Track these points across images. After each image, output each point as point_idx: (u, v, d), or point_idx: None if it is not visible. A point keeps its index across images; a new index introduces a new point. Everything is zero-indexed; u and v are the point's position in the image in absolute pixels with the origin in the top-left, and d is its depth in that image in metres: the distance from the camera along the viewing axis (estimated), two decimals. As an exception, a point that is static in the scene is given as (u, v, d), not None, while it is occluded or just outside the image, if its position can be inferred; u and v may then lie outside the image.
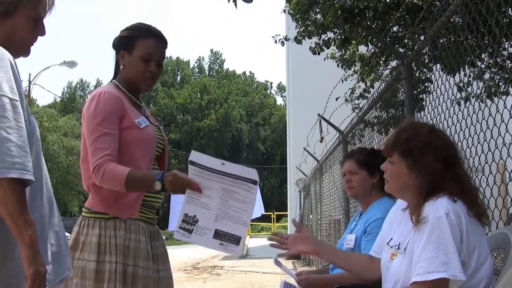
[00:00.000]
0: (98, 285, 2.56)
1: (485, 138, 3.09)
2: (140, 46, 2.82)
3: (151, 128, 2.84)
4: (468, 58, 4.09)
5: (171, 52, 78.51)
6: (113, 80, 2.93)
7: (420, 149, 2.36)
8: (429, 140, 2.37)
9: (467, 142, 3.26)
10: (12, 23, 2.23)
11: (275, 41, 8.67)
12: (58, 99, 68.86)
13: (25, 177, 1.94)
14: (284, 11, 7.90)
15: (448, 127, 3.46)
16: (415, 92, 4.90)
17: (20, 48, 2.30)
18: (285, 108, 45.92)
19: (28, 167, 1.96)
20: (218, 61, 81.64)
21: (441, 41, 4.02)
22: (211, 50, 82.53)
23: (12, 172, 1.90)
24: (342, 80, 8.24)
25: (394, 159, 2.44)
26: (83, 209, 2.80)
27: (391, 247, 2.47)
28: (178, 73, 74.80)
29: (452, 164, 2.34)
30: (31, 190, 2.09)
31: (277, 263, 3.34)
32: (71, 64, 28.07)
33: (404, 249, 2.33)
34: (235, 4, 5.26)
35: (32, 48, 2.39)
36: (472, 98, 4.12)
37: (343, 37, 6.84)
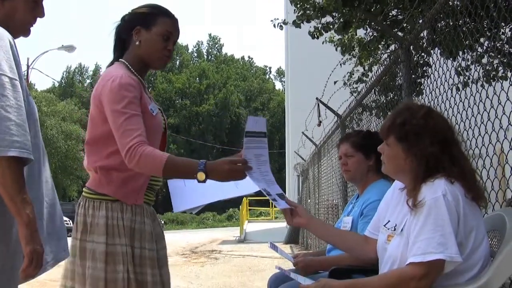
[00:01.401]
0: (110, 267, 2.54)
1: (482, 121, 3.09)
2: (161, 24, 2.79)
3: (159, 114, 2.82)
4: (467, 42, 4.08)
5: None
6: (121, 60, 2.85)
7: (416, 133, 2.36)
8: (424, 123, 2.37)
9: (464, 125, 3.26)
10: (11, 4, 2.25)
11: (274, 25, 8.67)
12: (57, 84, 68.79)
13: (24, 155, 1.95)
14: (283, -5, 7.87)
15: (446, 110, 3.46)
16: (414, 76, 4.90)
17: (20, 29, 2.31)
18: (284, 93, 45.88)
19: (27, 146, 1.97)
20: (216, 45, 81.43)
21: (440, 24, 4.01)
22: (209, 35, 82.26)
23: (11, 151, 1.91)
24: (341, 64, 8.24)
25: (390, 141, 2.45)
26: (84, 189, 2.76)
27: (388, 228, 2.48)
28: (177, 57, 74.55)
29: (449, 147, 2.34)
30: (29, 169, 2.10)
31: (273, 247, 3.34)
32: (70, 48, 27.95)
33: (401, 231, 2.34)
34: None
35: (31, 30, 2.39)
36: (471, 83, 4.12)
37: (342, 20, 6.82)
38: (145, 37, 2.78)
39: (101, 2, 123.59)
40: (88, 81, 76.70)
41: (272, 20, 8.69)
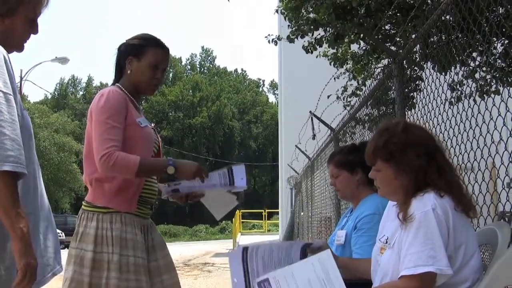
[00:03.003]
0: (95, 273, 2.75)
1: (474, 136, 3.12)
2: (149, 54, 3.06)
3: (149, 129, 3.05)
4: (459, 57, 4.12)
5: (163, 49, 78.08)
6: (117, 84, 3.11)
7: (400, 150, 2.37)
8: (405, 138, 2.38)
9: (457, 139, 3.29)
10: (11, 22, 2.27)
11: (268, 41, 8.72)
12: (50, 96, 68.67)
13: (18, 170, 1.95)
14: (277, 11, 7.93)
15: (439, 124, 3.49)
16: (406, 90, 4.93)
17: (16, 45, 2.34)
18: (277, 106, 45.94)
19: (21, 160, 1.98)
20: (209, 58, 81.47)
21: (432, 39, 4.05)
22: (202, 47, 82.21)
23: (5, 165, 1.92)
24: (334, 78, 8.28)
25: (379, 165, 2.45)
26: (83, 202, 2.98)
27: (381, 241, 2.50)
28: (171, 70, 74.53)
29: (433, 157, 2.36)
30: (24, 183, 2.10)
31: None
32: (63, 60, 27.94)
33: (393, 244, 2.35)
34: (228, -1, 5.26)
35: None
36: (464, 98, 4.15)
37: (335, 33, 6.87)
38: (136, 67, 3.07)
39: (94, 14, 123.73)
40: (81, 93, 76.48)
41: (266, 36, 8.75)
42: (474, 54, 4.96)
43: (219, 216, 3.34)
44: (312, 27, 6.94)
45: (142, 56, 3.06)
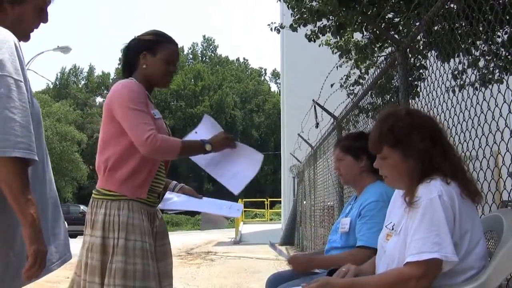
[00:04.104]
0: (104, 257, 2.89)
1: (479, 123, 3.11)
2: (164, 50, 3.22)
3: (161, 121, 3.18)
4: (463, 45, 4.11)
5: (165, 38, 78.34)
6: (130, 78, 3.20)
7: (405, 133, 2.36)
8: (410, 121, 2.38)
9: (461, 127, 3.28)
10: (20, 10, 2.29)
11: (271, 29, 8.73)
12: (51, 85, 68.58)
13: (28, 156, 1.97)
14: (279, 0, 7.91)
15: (443, 112, 3.49)
16: (410, 78, 4.92)
17: (23, 35, 2.35)
18: (279, 95, 45.87)
19: (32, 147, 1.99)
20: (211, 47, 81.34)
21: (436, 27, 4.03)
22: (204, 36, 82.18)
23: (15, 151, 1.93)
24: (337, 67, 8.26)
25: (385, 153, 2.44)
26: (93, 191, 3.10)
27: (386, 227, 2.51)
28: (173, 59, 74.31)
29: (438, 140, 2.36)
30: (33, 170, 2.12)
31: (273, 247, 3.43)
32: (65, 49, 27.87)
33: (399, 231, 2.36)
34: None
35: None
36: (467, 85, 4.14)
37: (338, 23, 6.85)
38: (151, 62, 3.21)
39: (95, 3, 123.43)
40: (82, 82, 76.37)
41: (269, 24, 8.75)
42: (478, 43, 4.95)
43: (204, 228, 3.66)
44: (315, 17, 6.93)
45: (157, 52, 3.20)
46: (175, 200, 3.26)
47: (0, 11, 2.26)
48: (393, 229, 2.43)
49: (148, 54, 3.20)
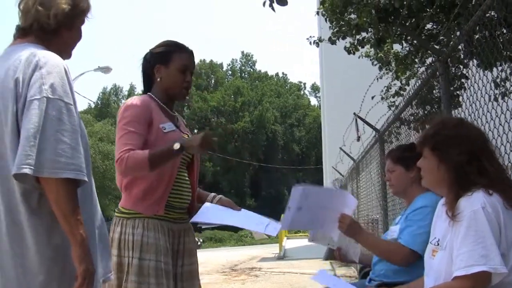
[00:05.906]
0: (120, 275, 2.91)
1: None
2: (176, 59, 3.16)
3: (176, 134, 3.09)
4: (505, 53, 4.05)
5: (204, 55, 78.88)
6: (148, 93, 3.22)
7: (446, 142, 2.39)
8: (454, 133, 2.40)
9: (507, 137, 3.23)
10: (68, 34, 2.37)
11: (310, 43, 8.73)
12: (93, 105, 69.71)
13: (78, 177, 2.02)
14: (317, 12, 7.91)
15: (487, 122, 3.44)
16: (452, 88, 4.87)
17: (68, 54, 2.44)
18: (319, 109, 45.76)
19: (82, 168, 2.04)
20: (249, 63, 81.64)
21: (477, 36, 3.99)
22: (242, 52, 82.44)
23: (66, 173, 1.98)
24: (377, 79, 8.22)
25: (425, 153, 2.48)
26: (116, 209, 3.14)
27: (431, 243, 2.49)
28: (212, 76, 74.94)
29: (477, 158, 2.33)
30: (82, 190, 2.16)
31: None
32: (106, 69, 28.33)
33: (445, 246, 2.33)
34: (273, 8, 5.27)
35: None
36: (510, 93, 4.08)
37: (378, 36, 6.83)
38: (165, 73, 3.17)
39: (134, 23, 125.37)
40: (123, 101, 77.06)
41: (308, 38, 8.76)
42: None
43: (258, 237, 3.65)
44: (354, 31, 6.92)
45: (169, 63, 3.16)
46: (211, 212, 3.20)
47: (56, 36, 2.34)
48: (438, 244, 2.41)
49: (162, 66, 3.16)
